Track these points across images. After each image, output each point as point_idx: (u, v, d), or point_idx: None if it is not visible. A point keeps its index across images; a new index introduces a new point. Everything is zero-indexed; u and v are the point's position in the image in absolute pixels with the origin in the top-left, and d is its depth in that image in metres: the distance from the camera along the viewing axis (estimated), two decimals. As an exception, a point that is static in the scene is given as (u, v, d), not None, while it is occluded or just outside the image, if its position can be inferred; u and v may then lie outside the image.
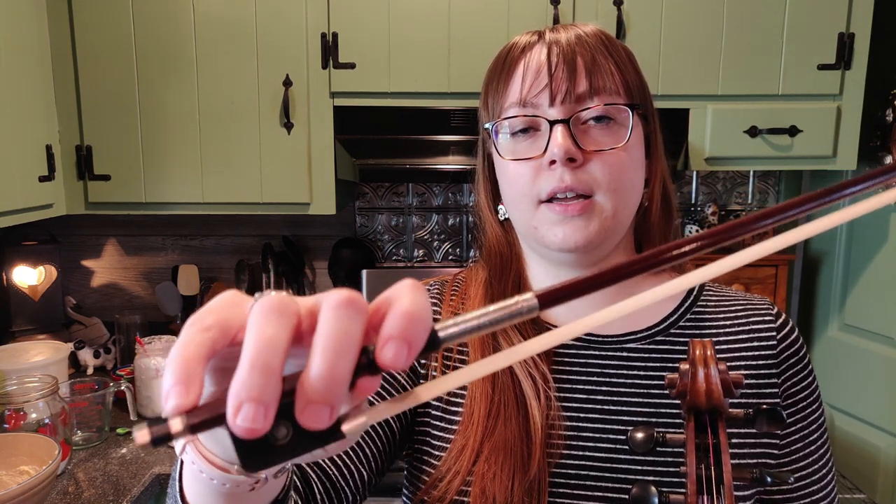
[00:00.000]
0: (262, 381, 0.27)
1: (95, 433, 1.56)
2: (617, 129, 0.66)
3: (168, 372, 0.28)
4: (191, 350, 0.28)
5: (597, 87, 0.65)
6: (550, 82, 0.65)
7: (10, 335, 1.97)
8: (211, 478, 0.36)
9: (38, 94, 1.65)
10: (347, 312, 0.28)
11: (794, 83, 1.71)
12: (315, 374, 0.27)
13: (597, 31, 0.69)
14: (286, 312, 0.29)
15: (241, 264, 2.06)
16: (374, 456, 0.69)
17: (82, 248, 2.18)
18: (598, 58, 0.66)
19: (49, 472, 1.15)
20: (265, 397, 0.27)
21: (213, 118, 1.73)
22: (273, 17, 1.70)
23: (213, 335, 0.29)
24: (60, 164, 1.72)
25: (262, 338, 0.28)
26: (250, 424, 0.26)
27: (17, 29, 1.55)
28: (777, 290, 1.89)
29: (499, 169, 0.72)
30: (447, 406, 0.72)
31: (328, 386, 0.27)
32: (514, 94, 0.67)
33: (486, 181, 0.77)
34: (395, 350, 0.28)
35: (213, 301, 0.31)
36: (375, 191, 2.17)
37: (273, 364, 0.27)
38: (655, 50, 1.70)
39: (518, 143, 0.68)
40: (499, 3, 1.67)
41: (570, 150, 0.64)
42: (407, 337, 0.28)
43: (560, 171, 0.64)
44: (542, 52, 0.67)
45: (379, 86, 1.72)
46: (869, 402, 1.90)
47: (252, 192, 1.76)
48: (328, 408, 0.27)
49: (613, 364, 0.70)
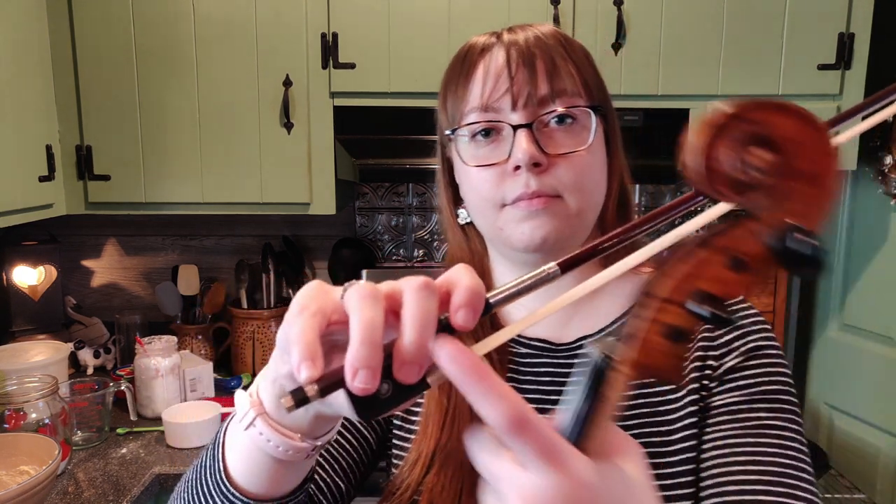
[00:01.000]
0: (370, 352, 0.35)
1: (95, 433, 1.56)
2: (579, 131, 0.66)
3: (295, 351, 0.36)
4: (308, 333, 0.37)
5: (558, 89, 0.65)
6: (511, 86, 0.65)
7: (10, 335, 1.97)
8: (277, 445, 0.45)
9: (38, 94, 1.65)
10: (427, 293, 0.36)
11: (794, 83, 1.71)
12: (408, 342, 0.35)
13: (554, 31, 0.69)
14: (378, 297, 0.37)
15: (241, 264, 2.06)
16: (350, 467, 0.70)
17: (82, 248, 2.18)
18: (557, 59, 0.66)
19: (49, 472, 1.15)
20: (373, 364, 0.35)
21: (213, 118, 1.73)
22: (273, 17, 1.70)
23: (319, 320, 0.37)
24: (60, 164, 1.72)
25: (365, 319, 0.36)
26: (365, 385, 0.34)
27: (17, 29, 1.56)
28: (777, 291, 1.89)
29: (461, 174, 0.71)
30: (406, 416, 0.73)
31: (418, 350, 0.35)
32: (474, 98, 0.67)
33: (447, 186, 0.76)
34: (465, 315, 0.36)
35: (306, 291, 0.39)
36: (375, 191, 2.17)
37: (376, 338, 0.35)
38: (655, 50, 1.70)
39: (480, 148, 0.67)
40: (499, 3, 1.67)
41: (535, 156, 0.63)
42: (472, 304, 0.36)
43: (525, 177, 0.64)
44: (500, 54, 0.66)
45: (379, 86, 1.72)
46: (868, 402, 1.90)
47: (252, 192, 1.76)
48: (418, 366, 0.36)
49: (564, 371, 0.70)
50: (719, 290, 0.34)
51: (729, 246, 0.34)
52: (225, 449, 0.50)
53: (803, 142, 0.32)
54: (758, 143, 0.32)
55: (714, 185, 0.33)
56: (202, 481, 0.53)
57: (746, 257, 0.34)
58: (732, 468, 0.61)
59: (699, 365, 0.67)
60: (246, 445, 0.47)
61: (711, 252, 0.34)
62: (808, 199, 0.33)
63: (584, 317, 0.72)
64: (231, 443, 0.50)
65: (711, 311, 0.33)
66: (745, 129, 0.32)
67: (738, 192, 0.33)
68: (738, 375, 0.65)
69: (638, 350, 0.35)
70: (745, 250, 0.34)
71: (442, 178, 0.76)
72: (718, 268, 0.34)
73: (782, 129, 0.32)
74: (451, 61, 0.72)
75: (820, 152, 0.32)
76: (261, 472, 0.48)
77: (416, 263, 2.19)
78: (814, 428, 2.09)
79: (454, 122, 0.69)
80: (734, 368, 0.66)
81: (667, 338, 0.35)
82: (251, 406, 0.46)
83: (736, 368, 0.66)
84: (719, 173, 0.32)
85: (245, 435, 0.46)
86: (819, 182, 0.33)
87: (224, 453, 0.50)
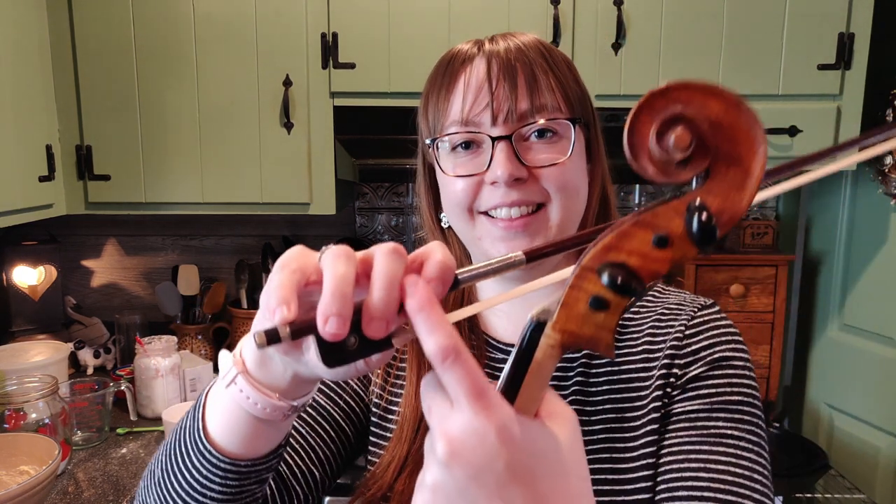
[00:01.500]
0: (341, 301, 0.38)
1: (95, 433, 1.56)
2: (559, 142, 0.66)
3: (272, 298, 0.39)
4: (287, 284, 0.40)
5: (538, 104, 0.65)
6: (492, 101, 0.65)
7: (10, 335, 1.97)
8: (255, 402, 0.47)
9: (38, 94, 1.65)
10: (395, 257, 0.39)
11: (794, 83, 1.71)
12: (375, 298, 0.38)
13: (535, 41, 0.69)
14: (350, 257, 0.40)
15: (241, 264, 2.06)
16: (327, 457, 0.71)
17: (82, 248, 2.18)
18: (537, 72, 0.66)
19: (49, 472, 1.15)
20: (343, 312, 0.38)
21: (213, 118, 1.73)
22: (273, 17, 1.70)
23: (298, 275, 0.40)
24: (60, 164, 1.72)
25: (337, 273, 0.39)
26: (334, 331, 0.37)
27: (17, 29, 1.56)
28: (777, 291, 1.89)
29: (440, 181, 0.72)
30: (380, 422, 0.75)
31: (384, 306, 0.38)
32: (455, 112, 0.67)
33: (428, 191, 0.76)
34: (434, 286, 0.39)
35: (288, 253, 0.42)
36: (375, 191, 2.17)
37: (346, 291, 0.38)
38: (655, 50, 1.70)
39: (459, 157, 0.68)
40: (499, 3, 1.67)
41: (514, 172, 0.64)
42: (442, 277, 0.39)
43: (503, 191, 0.65)
44: (481, 66, 0.67)
45: (379, 86, 1.72)
46: (868, 402, 1.90)
47: (252, 192, 1.76)
48: (384, 322, 0.38)
49: None
50: (638, 263, 0.35)
51: (653, 222, 0.35)
52: (206, 410, 0.52)
53: (726, 124, 0.33)
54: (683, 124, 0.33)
55: (640, 162, 0.34)
56: (181, 441, 0.54)
57: (669, 234, 0.35)
58: (685, 473, 0.61)
59: (665, 373, 0.67)
60: (226, 404, 0.49)
61: (637, 226, 0.35)
62: (736, 184, 0.33)
63: None
64: (212, 402, 0.51)
65: (622, 280, 0.35)
66: (672, 110, 0.33)
67: (663, 172, 0.34)
68: (701, 384, 0.65)
69: (563, 316, 0.36)
70: (667, 227, 0.35)
71: (423, 181, 0.77)
72: (641, 242, 0.35)
73: (707, 111, 0.33)
74: (433, 69, 0.73)
75: (744, 135, 0.33)
76: (239, 430, 0.50)
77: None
78: (814, 428, 2.09)
79: (434, 132, 0.70)
80: (698, 377, 0.66)
81: (589, 305, 0.36)
82: (234, 364, 0.48)
83: (699, 377, 0.66)
84: (645, 150, 0.33)
85: (226, 393, 0.48)
86: (741, 164, 0.33)
87: (205, 413, 0.52)
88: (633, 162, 0.34)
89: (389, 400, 0.75)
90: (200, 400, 0.53)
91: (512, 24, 1.67)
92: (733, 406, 0.63)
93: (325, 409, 0.73)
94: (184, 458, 0.54)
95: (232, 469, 0.51)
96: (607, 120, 1.75)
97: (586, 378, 0.70)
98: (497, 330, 0.75)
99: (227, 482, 0.52)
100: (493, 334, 0.75)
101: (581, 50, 1.69)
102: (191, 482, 0.53)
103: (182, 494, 0.54)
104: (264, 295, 0.41)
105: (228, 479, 0.52)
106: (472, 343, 0.74)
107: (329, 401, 0.73)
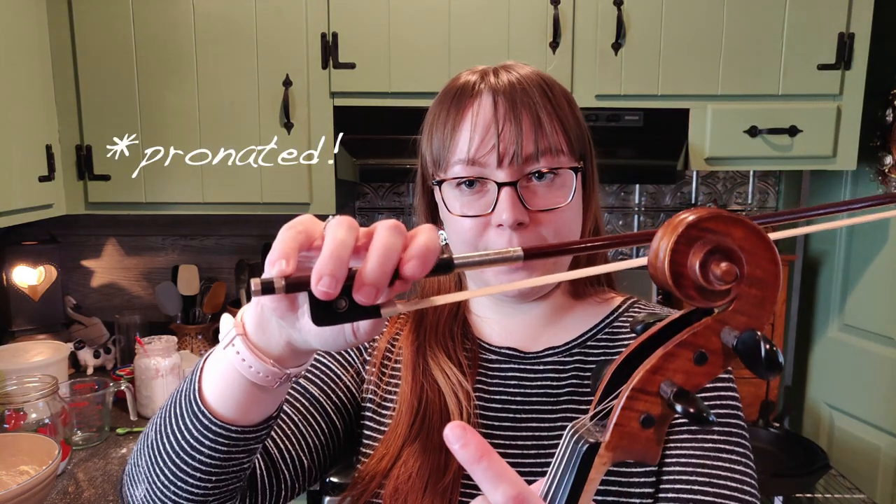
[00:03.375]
0: (336, 263, 0.40)
1: (95, 433, 1.56)
2: (560, 185, 0.69)
3: (274, 251, 0.42)
4: (289, 242, 0.42)
5: (543, 147, 0.68)
6: (498, 143, 0.67)
7: (10, 335, 1.97)
8: (250, 366, 0.49)
9: (38, 94, 1.65)
10: (394, 232, 0.42)
11: (794, 83, 1.71)
12: (370, 266, 0.41)
13: (536, 76, 0.71)
14: (352, 226, 0.43)
15: (241, 264, 2.06)
16: (316, 447, 0.73)
17: (82, 248, 2.18)
18: (542, 115, 0.68)
19: (49, 472, 1.15)
20: (337, 273, 0.40)
21: (213, 118, 1.73)
22: (273, 18, 1.70)
23: (302, 237, 0.43)
24: (60, 164, 1.72)
25: (337, 237, 0.41)
26: (326, 289, 0.40)
27: (17, 29, 1.56)
28: (777, 290, 1.89)
29: (443, 214, 0.74)
30: (375, 416, 0.77)
31: (377, 275, 0.41)
32: (461, 151, 0.69)
33: (426, 210, 0.78)
34: (414, 265, 0.41)
35: (298, 218, 0.45)
36: (376, 191, 2.17)
37: (342, 255, 0.41)
38: (655, 50, 1.70)
39: (464, 196, 0.70)
40: (499, 3, 1.67)
41: (519, 217, 0.67)
42: (423, 257, 0.41)
43: (508, 234, 0.68)
44: (488, 104, 0.69)
45: (379, 86, 1.72)
46: (869, 402, 1.91)
47: (252, 192, 1.76)
48: (375, 289, 0.41)
49: (530, 376, 0.75)
50: (683, 379, 0.39)
51: (693, 342, 0.39)
52: (203, 374, 0.54)
53: (754, 250, 0.37)
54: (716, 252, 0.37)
55: (682, 290, 0.37)
56: (177, 403, 0.56)
57: (707, 351, 0.39)
58: (693, 486, 0.66)
59: None
60: (223, 367, 0.51)
61: (679, 347, 0.39)
62: (758, 302, 0.38)
63: (554, 331, 0.77)
64: (210, 366, 0.53)
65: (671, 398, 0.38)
66: (708, 239, 0.36)
67: (701, 295, 0.37)
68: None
69: (616, 435, 0.39)
70: (706, 345, 0.39)
71: (421, 199, 0.79)
72: (684, 361, 0.39)
73: (737, 239, 0.36)
74: (439, 96, 0.74)
75: (768, 260, 0.37)
76: (233, 394, 0.52)
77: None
78: (814, 428, 2.09)
79: (439, 167, 0.72)
80: None
81: (640, 423, 0.39)
82: (234, 326, 0.50)
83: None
84: (686, 278, 0.37)
85: (224, 355, 0.51)
86: (767, 286, 0.38)
87: (201, 377, 0.54)
88: (677, 291, 0.37)
89: (384, 396, 0.77)
90: (199, 364, 0.55)
91: (512, 24, 1.67)
92: (722, 420, 0.69)
93: (318, 400, 0.74)
94: (177, 420, 0.55)
95: (223, 433, 0.53)
96: (607, 119, 1.76)
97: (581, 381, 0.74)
98: (491, 336, 0.78)
99: (217, 446, 0.54)
100: (486, 339, 0.78)
101: (581, 50, 1.69)
102: (182, 444, 0.55)
103: (172, 456, 0.55)
104: (270, 252, 0.43)
105: (219, 443, 0.54)
106: (466, 346, 0.77)
107: (322, 393, 0.75)
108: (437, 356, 0.75)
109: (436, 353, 0.75)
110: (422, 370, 0.75)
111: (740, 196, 2.16)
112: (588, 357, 0.75)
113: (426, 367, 0.75)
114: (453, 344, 0.76)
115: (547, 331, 0.77)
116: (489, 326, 0.79)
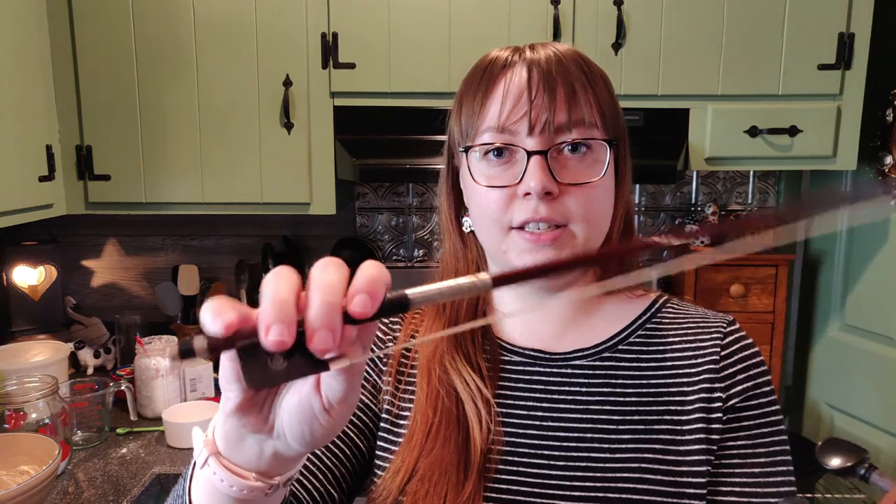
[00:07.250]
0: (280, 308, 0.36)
1: (95, 433, 1.56)
2: (592, 161, 0.66)
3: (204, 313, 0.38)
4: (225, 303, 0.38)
5: (576, 118, 0.64)
6: (530, 110, 0.64)
7: (10, 335, 1.97)
8: (230, 485, 0.44)
9: (38, 94, 1.65)
10: (328, 267, 0.38)
11: (794, 83, 1.71)
12: (314, 307, 0.36)
13: (574, 52, 0.69)
14: (290, 277, 0.39)
15: (241, 264, 2.06)
16: (343, 476, 0.70)
17: (82, 248, 2.18)
18: (577, 87, 0.65)
19: (49, 472, 1.15)
20: (285, 318, 0.36)
21: (213, 118, 1.73)
22: (273, 17, 1.70)
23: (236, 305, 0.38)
24: (60, 164, 1.72)
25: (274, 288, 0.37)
26: (279, 338, 0.36)
27: (17, 29, 1.55)
28: (777, 290, 1.89)
29: (469, 188, 0.70)
30: (391, 427, 0.73)
31: (326, 314, 0.36)
32: (491, 118, 0.66)
33: (451, 192, 0.75)
34: (361, 300, 0.37)
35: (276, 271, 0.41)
36: (375, 191, 2.17)
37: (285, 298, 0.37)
38: (655, 50, 1.70)
39: (492, 167, 0.67)
40: (499, 3, 1.67)
41: (547, 186, 0.63)
42: (369, 290, 0.37)
43: (535, 203, 0.64)
44: (522, 73, 0.66)
45: (379, 86, 1.72)
46: (869, 402, 1.90)
47: (252, 192, 1.76)
48: (329, 332, 0.36)
49: (557, 381, 0.70)
50: None
51: None
52: (192, 485, 0.49)
53: None
54: None
55: None
56: None
57: None
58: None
59: (707, 387, 0.68)
60: (204, 485, 0.47)
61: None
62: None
63: (582, 330, 0.73)
64: (195, 482, 0.49)
65: None
66: None
67: None
68: (742, 416, 0.68)
69: None
70: None
71: (445, 182, 0.75)
72: None
73: None
74: (470, 71, 0.71)
75: None
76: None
77: (416, 263, 2.19)
78: (814, 428, 2.09)
79: (468, 137, 0.69)
80: (735, 408, 0.68)
81: None
82: (205, 445, 0.46)
83: (737, 408, 0.68)
84: None
85: (201, 475, 0.46)
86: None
87: (190, 488, 0.49)
88: None
89: (400, 406, 0.73)
90: (187, 472, 0.50)
91: (512, 24, 1.67)
92: (767, 439, 0.68)
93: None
94: None
95: None
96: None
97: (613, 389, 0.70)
98: (513, 334, 0.74)
99: None
100: (508, 339, 0.74)
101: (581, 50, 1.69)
102: None
103: None
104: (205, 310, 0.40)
105: None
106: (486, 348, 0.72)
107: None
108: (454, 360, 0.70)
109: (453, 357, 0.71)
110: (437, 376, 0.70)
111: (740, 196, 2.16)
112: (621, 363, 0.70)
113: (442, 372, 0.70)
114: (472, 346, 0.72)
115: (575, 329, 0.73)
116: (511, 324, 0.74)
